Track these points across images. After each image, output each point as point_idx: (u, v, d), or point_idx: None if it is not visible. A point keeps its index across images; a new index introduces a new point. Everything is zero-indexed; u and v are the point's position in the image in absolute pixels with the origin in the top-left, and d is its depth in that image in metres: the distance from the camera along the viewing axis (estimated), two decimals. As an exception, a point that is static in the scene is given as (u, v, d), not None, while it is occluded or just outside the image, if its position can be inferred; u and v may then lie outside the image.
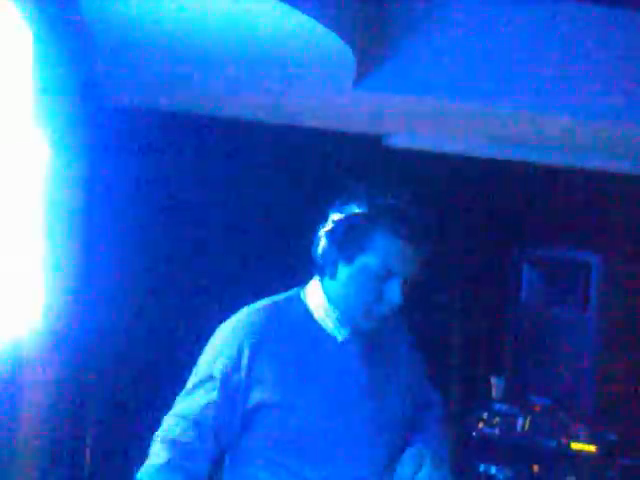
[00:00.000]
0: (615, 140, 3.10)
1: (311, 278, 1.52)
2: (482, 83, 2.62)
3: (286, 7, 1.80)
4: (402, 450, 1.47)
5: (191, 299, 3.17)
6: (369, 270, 1.40)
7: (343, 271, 1.43)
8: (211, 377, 1.41)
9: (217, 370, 1.41)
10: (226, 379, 1.40)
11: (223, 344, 1.44)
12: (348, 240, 1.41)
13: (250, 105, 2.97)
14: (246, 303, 1.52)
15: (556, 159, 3.46)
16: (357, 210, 1.42)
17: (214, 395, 1.39)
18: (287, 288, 1.55)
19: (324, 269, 1.46)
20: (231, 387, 1.40)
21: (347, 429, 1.43)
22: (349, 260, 1.42)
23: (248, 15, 1.88)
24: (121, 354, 3.06)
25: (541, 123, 2.91)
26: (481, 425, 2.92)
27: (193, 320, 3.04)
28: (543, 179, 3.61)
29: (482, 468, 2.74)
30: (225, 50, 2.20)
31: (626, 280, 3.47)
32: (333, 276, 1.45)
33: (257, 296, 1.54)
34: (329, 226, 1.44)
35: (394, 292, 1.40)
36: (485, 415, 2.97)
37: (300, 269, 1.54)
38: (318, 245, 1.46)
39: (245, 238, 3.24)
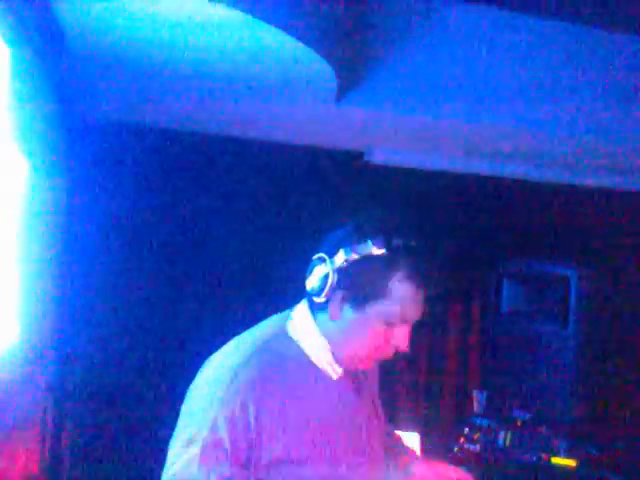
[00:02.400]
0: (594, 155, 3.15)
1: (286, 298, 1.43)
2: (462, 99, 2.65)
3: (266, 25, 1.81)
4: None
5: (174, 307, 3.15)
6: (381, 317, 1.31)
7: (349, 313, 1.33)
8: (218, 442, 1.25)
9: (223, 433, 1.25)
10: (236, 444, 1.25)
11: (222, 400, 1.28)
12: (361, 284, 1.30)
13: (231, 121, 2.97)
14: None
15: (535, 174, 3.50)
16: (375, 252, 1.29)
17: (226, 468, 1.24)
18: (264, 305, 1.50)
19: (323, 306, 1.35)
20: (242, 452, 1.26)
21: (355, 467, 1.38)
22: (359, 306, 1.31)
23: (228, 32, 1.89)
24: (106, 363, 3.03)
25: (520, 139, 2.94)
26: (462, 440, 2.92)
27: (178, 329, 3.03)
28: (523, 195, 3.64)
29: (462, 484, 2.73)
30: (206, 66, 2.20)
31: (605, 294, 3.50)
32: (336, 317, 1.34)
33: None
34: (338, 264, 1.31)
35: (403, 338, 1.33)
36: (466, 430, 2.97)
37: (278, 287, 1.49)
38: (319, 280, 1.33)
39: (221, 251, 3.24)
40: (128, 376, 3.01)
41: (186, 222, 3.23)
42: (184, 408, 1.35)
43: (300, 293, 1.46)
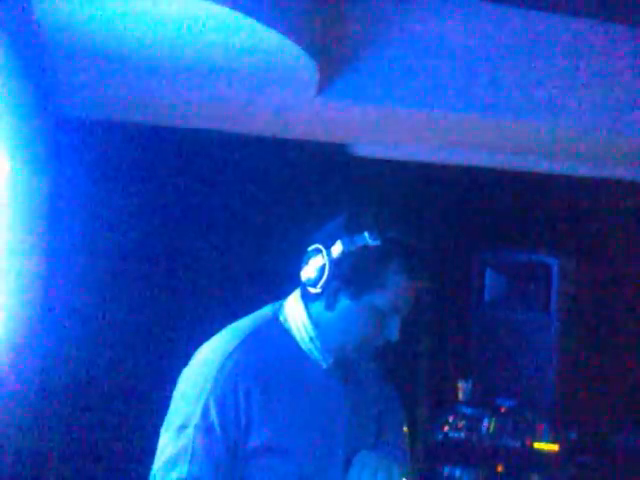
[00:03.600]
0: (574, 144, 3.18)
1: (282, 290, 1.45)
2: (444, 91, 2.66)
3: (245, 18, 1.81)
4: None
5: (160, 304, 3.15)
6: (375, 308, 1.35)
7: (344, 304, 1.36)
8: (209, 427, 1.28)
9: (214, 416, 1.28)
10: (225, 427, 1.29)
11: (213, 385, 1.30)
12: (357, 275, 1.33)
13: (213, 116, 2.96)
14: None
15: (517, 164, 3.53)
16: (370, 243, 1.33)
17: (218, 452, 1.28)
18: (252, 298, 1.52)
19: (318, 297, 1.37)
20: (232, 436, 1.29)
21: (336, 458, 1.39)
22: (355, 296, 1.34)
23: (207, 25, 1.89)
24: (86, 364, 3.03)
25: (502, 129, 2.96)
26: (446, 428, 2.96)
27: (165, 326, 3.03)
28: (505, 184, 3.67)
29: (447, 471, 2.77)
30: (186, 60, 2.20)
31: (586, 281, 3.55)
32: (331, 307, 1.36)
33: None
34: (335, 255, 1.34)
35: (394, 328, 1.37)
36: (451, 418, 3.01)
37: (264, 280, 1.51)
38: (316, 271, 1.35)
39: (208, 246, 3.23)
40: (114, 374, 3.01)
41: (169, 217, 3.23)
42: (176, 394, 1.38)
43: (288, 285, 1.47)
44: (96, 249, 3.02)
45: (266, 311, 1.46)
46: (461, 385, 3.32)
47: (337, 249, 1.34)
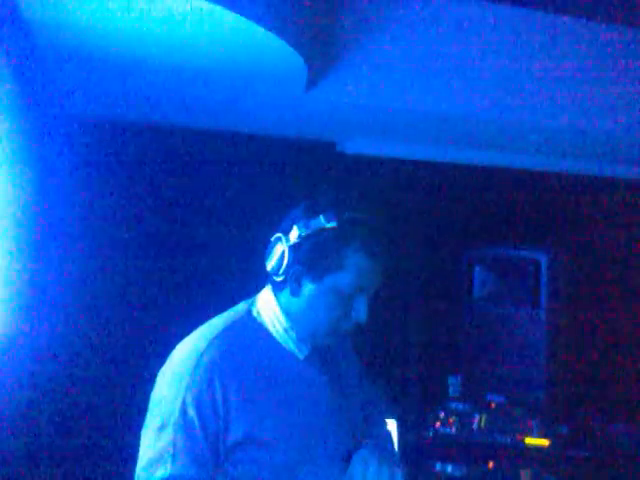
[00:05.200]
0: (560, 140, 3.19)
1: (256, 287, 1.44)
2: (432, 88, 2.66)
3: (233, 14, 1.80)
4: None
5: (150, 303, 3.14)
6: (338, 289, 1.35)
7: (308, 289, 1.36)
8: (189, 425, 1.28)
9: (192, 414, 1.28)
10: (205, 424, 1.28)
11: (190, 382, 1.30)
12: (316, 258, 1.33)
13: (200, 113, 2.96)
14: (205, 311, 1.47)
15: (505, 160, 3.54)
16: (326, 225, 1.33)
17: (199, 449, 1.28)
18: (240, 294, 1.51)
19: (284, 285, 1.38)
20: (212, 432, 1.29)
21: (324, 448, 1.39)
22: (317, 279, 1.35)
23: (194, 22, 1.88)
24: (74, 363, 3.01)
25: (489, 126, 2.97)
26: (437, 424, 2.96)
27: (154, 325, 3.02)
28: (493, 181, 3.68)
29: (438, 467, 2.78)
30: (173, 58, 2.19)
31: (575, 277, 3.57)
32: (296, 293, 1.37)
33: (217, 303, 1.49)
34: (293, 240, 1.35)
35: (361, 309, 1.36)
36: (442, 415, 3.01)
37: (251, 278, 1.50)
38: (277, 259, 1.37)
39: (190, 243, 3.23)
40: (104, 370, 3.00)
41: (159, 215, 3.21)
42: (153, 395, 1.37)
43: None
44: (87, 247, 3.01)
45: (240, 307, 1.46)
46: (451, 381, 3.33)
47: (294, 234, 1.34)
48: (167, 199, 3.22)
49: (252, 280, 1.52)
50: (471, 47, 2.65)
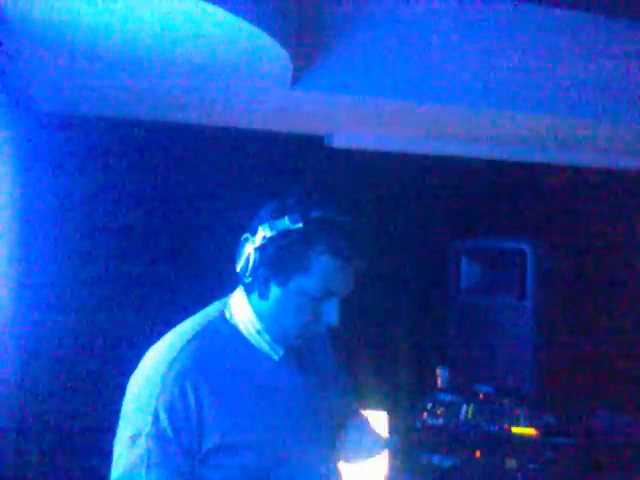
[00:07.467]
0: (545, 131, 3.21)
1: (230, 288, 1.41)
2: (419, 80, 2.67)
3: (218, 9, 1.80)
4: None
5: (141, 300, 3.13)
6: (305, 292, 1.30)
7: (276, 291, 1.32)
8: (162, 434, 1.24)
9: (165, 423, 1.24)
10: (178, 432, 1.25)
11: (161, 391, 1.26)
12: (282, 260, 1.28)
13: (187, 108, 2.94)
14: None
15: (490, 152, 3.56)
16: (291, 226, 1.28)
17: (173, 459, 1.24)
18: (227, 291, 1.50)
19: (252, 287, 1.35)
20: (186, 440, 1.25)
21: (301, 449, 1.37)
22: (283, 282, 1.30)
23: (179, 17, 1.87)
24: (61, 357, 3.00)
25: (476, 118, 2.98)
26: (425, 415, 2.98)
27: (137, 319, 3.01)
28: (478, 173, 3.71)
29: (426, 457, 2.80)
30: (158, 52, 2.18)
31: (561, 267, 3.60)
32: (264, 296, 1.33)
33: (210, 300, 1.47)
34: (258, 242, 1.31)
35: (332, 313, 1.32)
36: (429, 406, 3.03)
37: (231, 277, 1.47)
38: (245, 260, 1.32)
39: (176, 238, 3.22)
40: (93, 368, 2.99)
41: (145, 211, 3.20)
42: (125, 402, 1.33)
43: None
44: (73, 244, 2.99)
45: (212, 309, 1.42)
46: (439, 372, 3.35)
47: (260, 235, 1.30)
48: (154, 194, 3.21)
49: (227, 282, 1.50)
50: (457, 39, 2.65)
